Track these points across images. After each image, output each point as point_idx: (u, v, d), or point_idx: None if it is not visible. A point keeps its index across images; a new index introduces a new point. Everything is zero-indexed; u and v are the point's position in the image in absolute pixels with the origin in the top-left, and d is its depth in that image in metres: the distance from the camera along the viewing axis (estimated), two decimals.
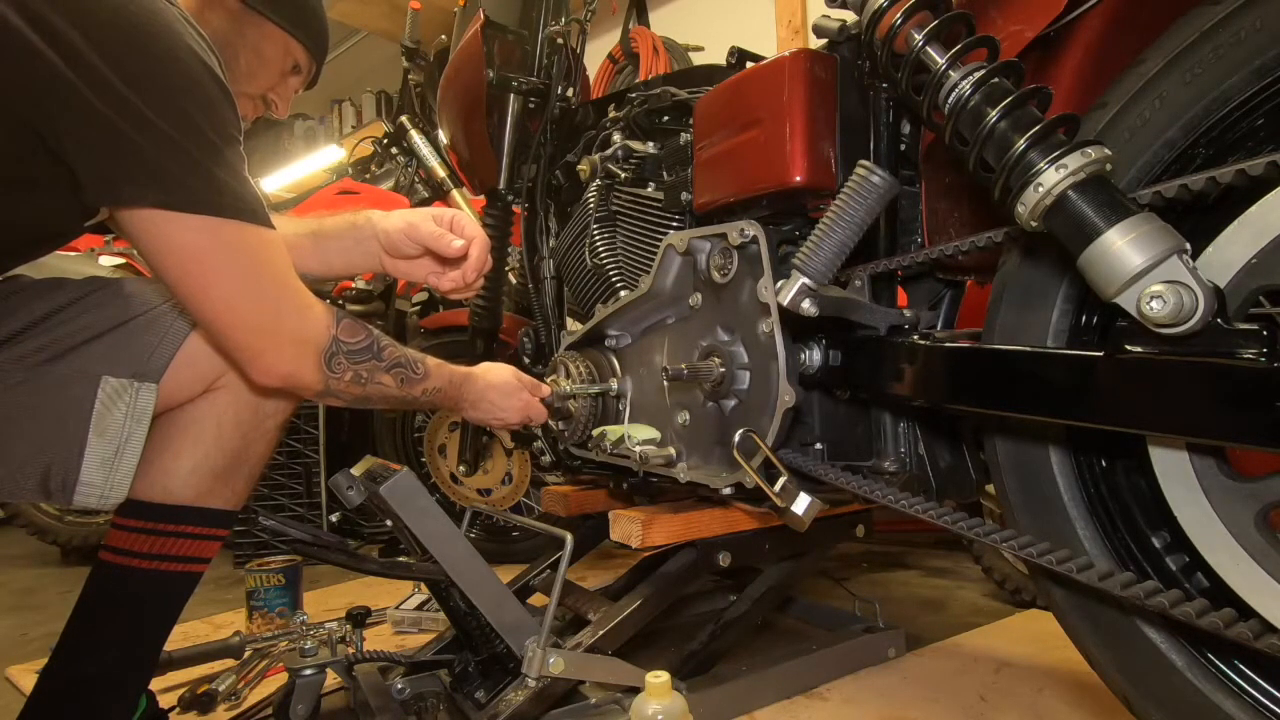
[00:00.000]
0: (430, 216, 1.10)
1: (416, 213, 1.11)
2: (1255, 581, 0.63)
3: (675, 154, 1.19)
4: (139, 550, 0.90)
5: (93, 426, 0.85)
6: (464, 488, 2.08)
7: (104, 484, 0.86)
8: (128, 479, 0.87)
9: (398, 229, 1.09)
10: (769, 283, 0.90)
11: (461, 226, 1.11)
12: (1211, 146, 0.67)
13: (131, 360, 0.88)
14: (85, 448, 0.84)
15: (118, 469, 0.86)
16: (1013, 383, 0.74)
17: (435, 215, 1.11)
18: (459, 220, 1.11)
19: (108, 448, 0.86)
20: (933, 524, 0.79)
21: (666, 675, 0.88)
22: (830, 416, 1.01)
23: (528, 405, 1.15)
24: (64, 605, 0.92)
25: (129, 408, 0.86)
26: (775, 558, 1.30)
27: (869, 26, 0.78)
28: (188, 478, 0.91)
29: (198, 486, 0.92)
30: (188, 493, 0.91)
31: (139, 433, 0.87)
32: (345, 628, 1.23)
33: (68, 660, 0.90)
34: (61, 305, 0.88)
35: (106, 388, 0.85)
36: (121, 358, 0.88)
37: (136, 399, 0.87)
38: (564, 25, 1.51)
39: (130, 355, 0.88)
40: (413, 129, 2.46)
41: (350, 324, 0.90)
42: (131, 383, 0.87)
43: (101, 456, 0.85)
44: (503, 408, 1.12)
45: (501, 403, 1.12)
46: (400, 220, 1.10)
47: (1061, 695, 1.18)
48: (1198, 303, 0.59)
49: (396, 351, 0.95)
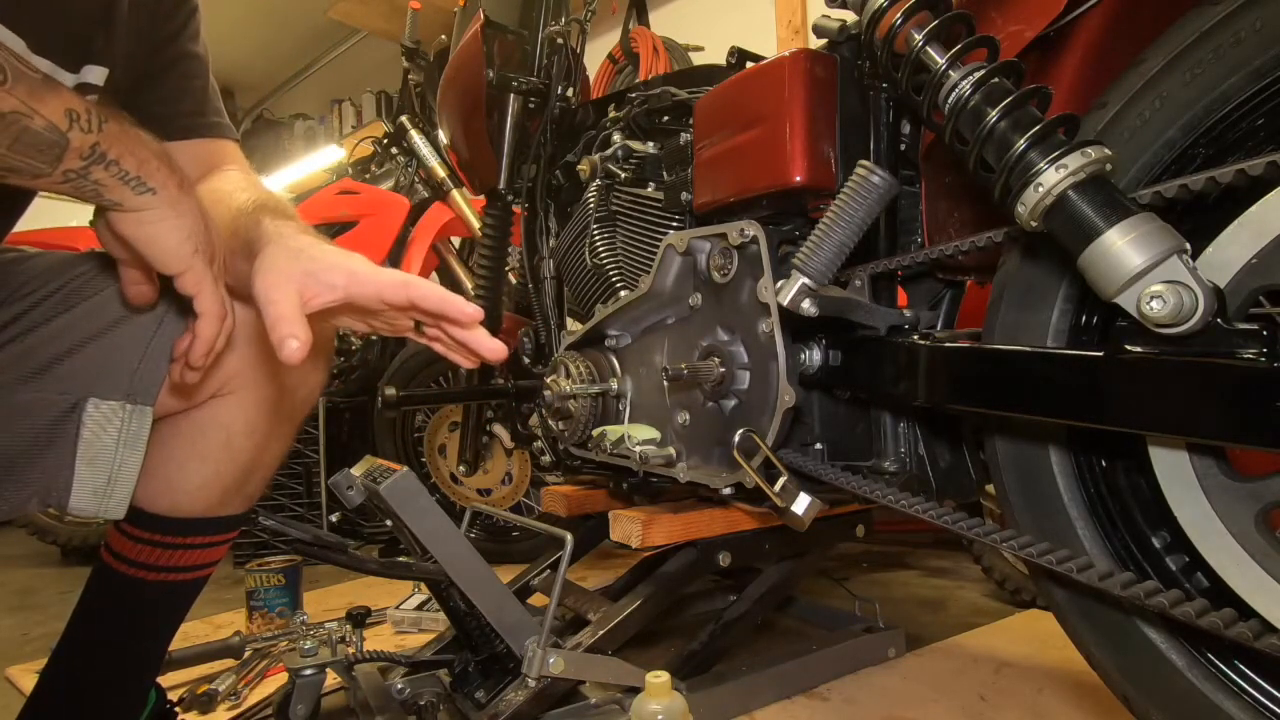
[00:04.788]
0: (297, 286, 0.69)
1: (287, 273, 0.69)
2: (1255, 582, 0.63)
3: (675, 154, 1.19)
4: (146, 562, 0.85)
5: (80, 456, 0.77)
6: (464, 488, 2.08)
7: (97, 509, 0.79)
8: (124, 503, 0.80)
9: (261, 286, 0.68)
10: (769, 283, 0.90)
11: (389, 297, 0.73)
12: (1211, 146, 0.67)
13: (120, 378, 0.79)
14: (74, 478, 0.77)
15: (111, 496, 0.79)
16: (1013, 383, 0.74)
17: (310, 276, 0.70)
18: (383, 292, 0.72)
19: (99, 477, 0.78)
20: (933, 524, 0.79)
21: (666, 675, 0.87)
22: (830, 416, 1.01)
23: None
24: (64, 605, 0.91)
25: (120, 433, 0.78)
26: (775, 558, 1.31)
27: (869, 26, 0.78)
28: (196, 493, 0.85)
29: (207, 500, 0.85)
30: (197, 507, 0.85)
31: (134, 459, 0.79)
32: (345, 628, 1.23)
33: (72, 661, 0.87)
34: (31, 305, 0.79)
35: (94, 412, 0.77)
36: (108, 375, 0.79)
37: (129, 424, 0.79)
38: (564, 25, 1.51)
39: (118, 372, 0.79)
40: (413, 129, 2.45)
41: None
42: (123, 405, 0.78)
43: (93, 486, 0.78)
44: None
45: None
46: (270, 275, 0.68)
47: (1061, 695, 1.18)
48: (1198, 303, 0.59)
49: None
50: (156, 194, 0.64)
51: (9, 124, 0.56)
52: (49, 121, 0.57)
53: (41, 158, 0.58)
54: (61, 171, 0.59)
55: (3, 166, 0.58)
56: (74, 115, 0.58)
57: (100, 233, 0.68)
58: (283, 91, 5.60)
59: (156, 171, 0.64)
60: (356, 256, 0.73)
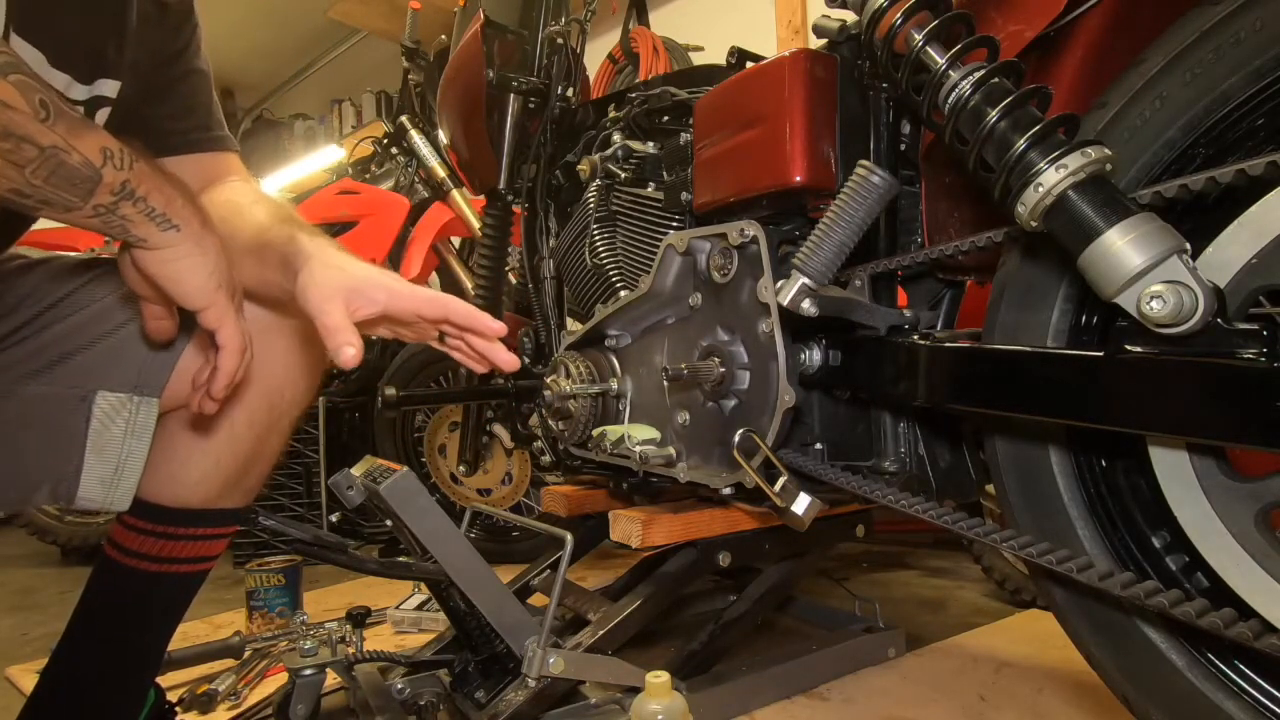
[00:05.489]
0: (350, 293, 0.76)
1: (336, 284, 0.76)
2: (1255, 582, 0.63)
3: (675, 154, 1.19)
4: (148, 553, 0.87)
5: (89, 445, 0.81)
6: (464, 488, 2.08)
7: (104, 499, 0.83)
8: (130, 493, 0.84)
9: (311, 296, 0.75)
10: (769, 283, 0.90)
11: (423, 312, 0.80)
12: (1211, 146, 0.67)
13: (128, 371, 0.83)
14: (83, 468, 0.81)
15: (118, 487, 0.83)
16: (1013, 383, 0.74)
17: (358, 290, 0.76)
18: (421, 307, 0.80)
19: (106, 467, 0.82)
20: (933, 524, 0.79)
21: (666, 675, 0.87)
22: (830, 416, 1.01)
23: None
24: (64, 605, 0.92)
25: (128, 424, 0.82)
26: (775, 558, 1.31)
27: (869, 26, 0.78)
28: (198, 484, 0.88)
29: (208, 491, 0.88)
30: (198, 498, 0.88)
31: (140, 449, 0.83)
32: (345, 628, 1.23)
33: (73, 657, 0.88)
34: (46, 307, 0.83)
35: (103, 404, 0.81)
36: (117, 368, 0.83)
37: (136, 415, 0.83)
38: (564, 25, 1.51)
39: (127, 365, 0.83)
40: (413, 129, 2.45)
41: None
42: (130, 397, 0.82)
43: (100, 476, 0.82)
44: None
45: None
46: (314, 285, 0.75)
47: (1061, 695, 1.18)
48: (1198, 302, 0.59)
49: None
50: (181, 230, 0.66)
51: (48, 158, 0.59)
52: (85, 158, 0.60)
53: (75, 191, 0.61)
54: (92, 206, 0.62)
55: (38, 199, 0.60)
56: (108, 153, 0.62)
57: (125, 271, 0.70)
58: (283, 91, 5.60)
59: (182, 209, 0.66)
60: (390, 274, 0.81)
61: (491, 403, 1.75)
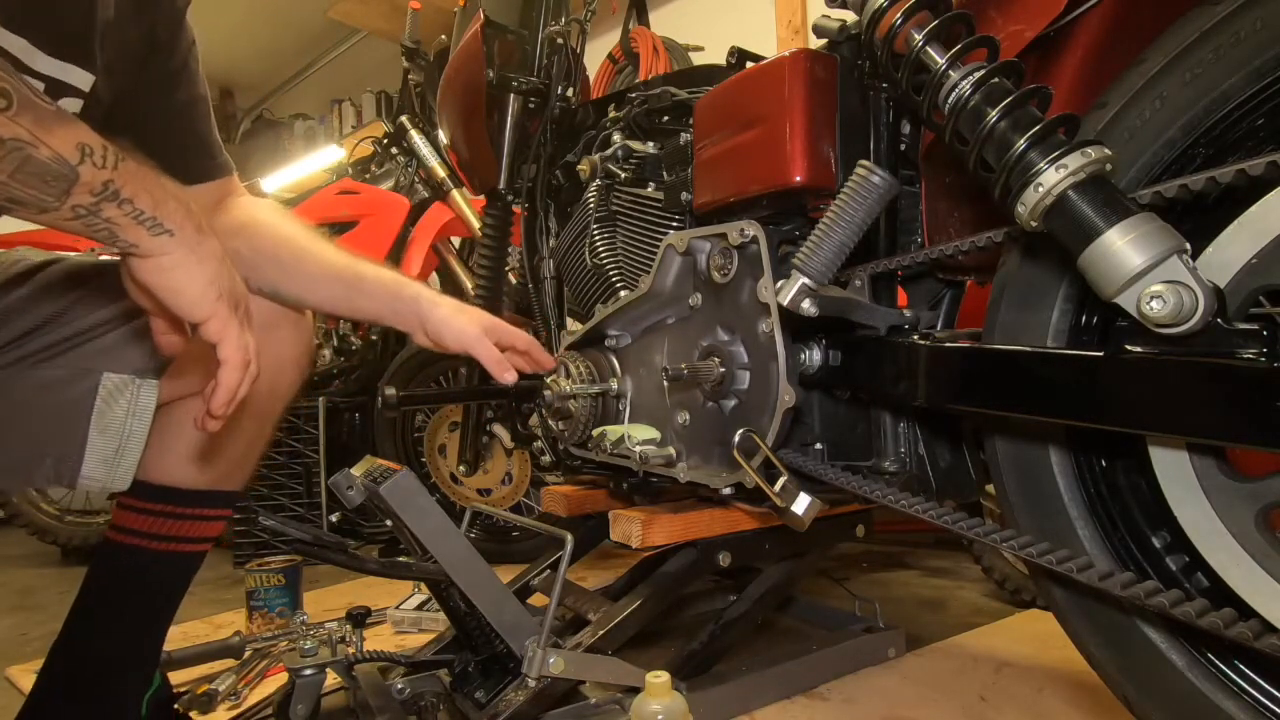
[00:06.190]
0: (486, 333, 1.04)
1: (477, 326, 1.03)
2: (1255, 582, 0.63)
3: (675, 154, 1.19)
4: (148, 531, 0.91)
5: (93, 424, 0.84)
6: (464, 488, 2.09)
7: (106, 478, 0.86)
8: (130, 472, 0.87)
9: (455, 336, 1.01)
10: (769, 283, 0.90)
11: (512, 341, 1.09)
12: (1211, 146, 0.67)
13: (133, 357, 0.87)
14: (86, 445, 0.84)
15: (119, 465, 0.86)
16: (1013, 383, 0.74)
17: (491, 329, 1.05)
18: (510, 338, 1.08)
19: (109, 445, 0.85)
20: (933, 524, 0.79)
21: (666, 675, 0.88)
22: (830, 416, 1.01)
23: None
24: (64, 605, 0.92)
25: (130, 404, 0.86)
26: (775, 558, 1.30)
27: (869, 26, 0.78)
28: (198, 465, 0.92)
29: (208, 473, 0.92)
30: (205, 480, 0.92)
31: (141, 429, 0.87)
32: (345, 628, 1.22)
33: (79, 639, 0.90)
34: (66, 306, 0.87)
35: (107, 384, 0.85)
36: (123, 354, 0.87)
37: (138, 396, 0.86)
38: (564, 25, 1.51)
39: (132, 352, 0.88)
40: (413, 129, 2.45)
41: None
42: (132, 379, 0.86)
43: (103, 454, 0.85)
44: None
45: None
46: (459, 329, 1.02)
47: (1061, 695, 1.18)
48: (1198, 302, 0.59)
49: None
50: (174, 236, 0.62)
51: (10, 151, 0.54)
52: (56, 153, 0.56)
53: (47, 190, 0.57)
54: (70, 206, 0.58)
55: (5, 197, 0.56)
56: (87, 150, 0.57)
57: (125, 281, 0.67)
58: (283, 91, 5.60)
59: (174, 213, 0.62)
60: (476, 309, 1.08)
61: (491, 403, 1.75)
